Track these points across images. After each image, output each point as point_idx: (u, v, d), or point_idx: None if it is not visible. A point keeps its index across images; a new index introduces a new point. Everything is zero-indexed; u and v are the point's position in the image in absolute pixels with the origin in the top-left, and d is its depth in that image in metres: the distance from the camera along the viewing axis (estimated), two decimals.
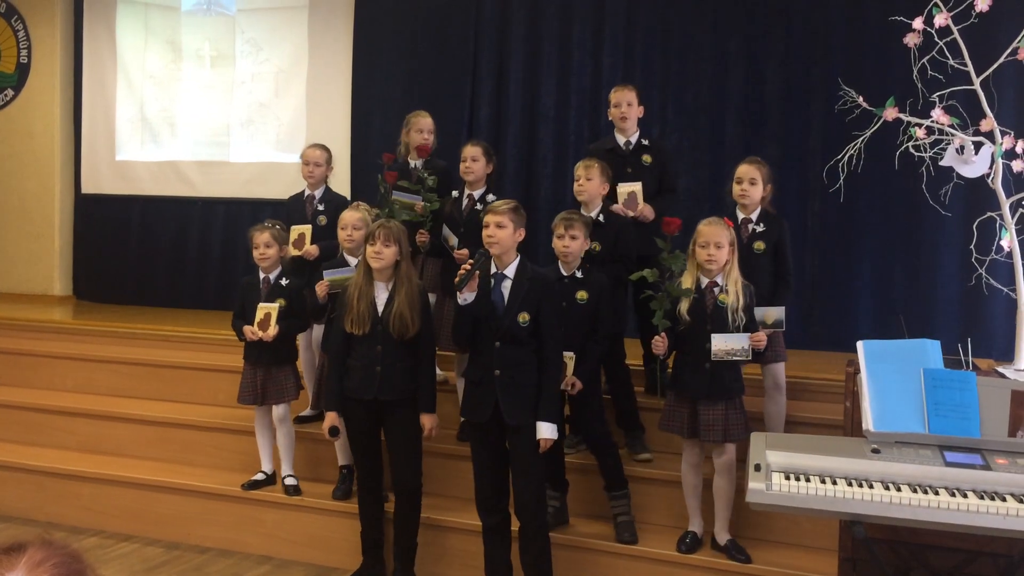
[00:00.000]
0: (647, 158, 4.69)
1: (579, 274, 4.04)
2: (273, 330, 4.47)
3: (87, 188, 7.99)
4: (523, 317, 3.64)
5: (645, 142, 4.72)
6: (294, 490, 4.61)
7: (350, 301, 3.96)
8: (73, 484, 5.05)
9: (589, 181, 4.32)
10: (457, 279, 3.59)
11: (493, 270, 3.71)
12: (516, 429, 3.67)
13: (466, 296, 3.61)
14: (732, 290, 3.77)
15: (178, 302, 7.55)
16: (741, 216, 4.25)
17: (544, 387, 3.68)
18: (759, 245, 4.19)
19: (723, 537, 3.90)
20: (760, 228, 4.22)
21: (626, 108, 4.68)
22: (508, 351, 3.66)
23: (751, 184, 4.21)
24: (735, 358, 3.72)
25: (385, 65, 7.01)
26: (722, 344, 3.72)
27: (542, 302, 3.68)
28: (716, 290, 3.81)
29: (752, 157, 4.35)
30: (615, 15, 6.30)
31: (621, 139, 4.73)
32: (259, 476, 4.73)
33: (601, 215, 4.33)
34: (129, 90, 7.83)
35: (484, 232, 3.68)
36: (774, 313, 4.04)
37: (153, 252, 7.73)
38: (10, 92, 8.08)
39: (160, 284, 7.69)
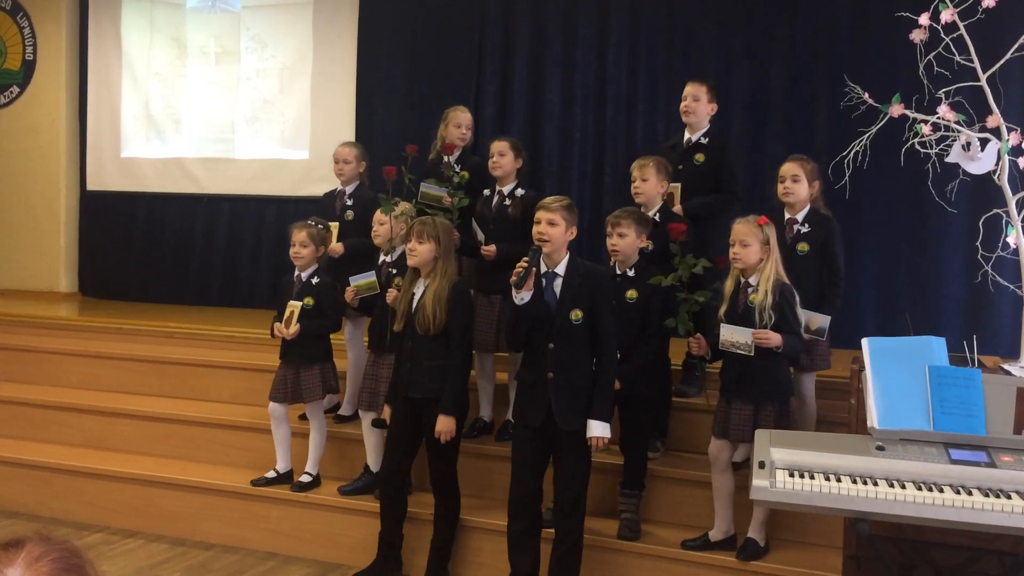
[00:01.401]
0: (700, 157, 4.58)
1: (631, 272, 3.99)
2: (294, 328, 4.45)
3: (92, 185, 8.00)
4: (576, 314, 3.58)
5: (704, 140, 4.61)
6: (301, 487, 4.60)
7: (398, 299, 4.04)
8: (78, 480, 5.06)
9: (645, 182, 4.23)
10: (514, 277, 3.51)
11: (544, 269, 3.64)
12: (568, 433, 3.61)
13: (523, 296, 3.55)
14: (762, 288, 3.67)
15: (183, 299, 7.55)
16: (788, 216, 4.11)
17: (599, 384, 3.62)
18: (802, 246, 4.03)
19: (751, 532, 3.86)
20: (805, 229, 4.06)
21: (691, 102, 4.58)
22: (562, 352, 3.60)
23: (794, 181, 4.05)
24: (739, 351, 3.66)
25: (389, 62, 7.00)
26: (728, 335, 3.68)
27: (595, 297, 3.61)
28: (750, 290, 3.73)
29: (796, 154, 4.19)
30: (620, 12, 6.28)
31: (686, 136, 4.65)
32: (271, 474, 4.70)
33: (658, 215, 4.23)
34: (134, 87, 7.84)
35: (535, 229, 3.62)
36: (817, 320, 3.90)
37: (158, 249, 7.74)
38: (16, 89, 8.10)
39: (165, 281, 7.70)
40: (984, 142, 3.51)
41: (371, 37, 7.07)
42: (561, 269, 3.64)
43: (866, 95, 3.73)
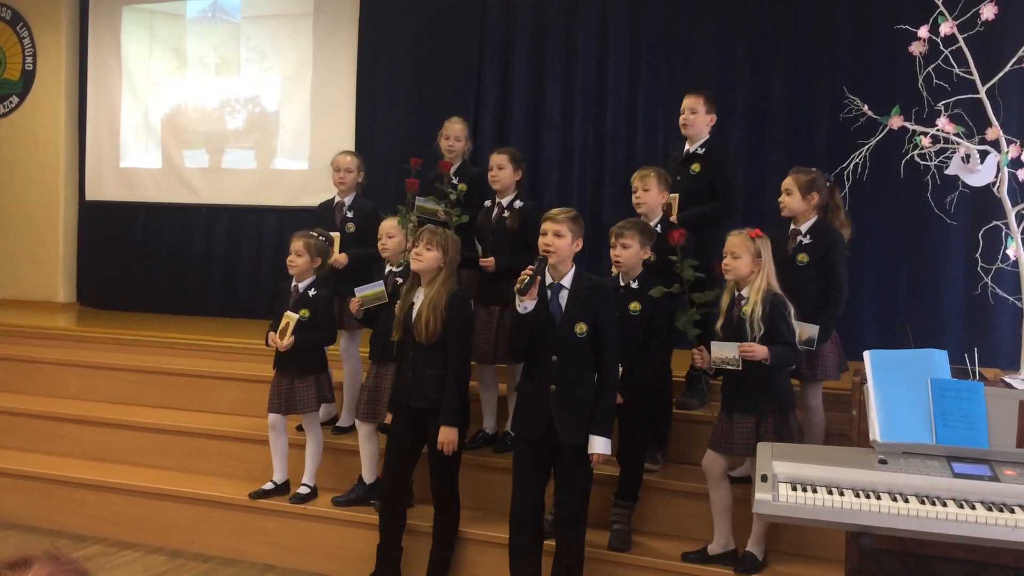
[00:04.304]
0: (695, 167, 4.56)
1: (634, 284, 3.97)
2: (288, 340, 4.44)
3: (91, 195, 8.01)
4: (580, 328, 3.56)
5: (701, 151, 4.59)
6: (300, 498, 4.58)
7: (399, 306, 4.02)
8: (76, 492, 5.04)
9: (647, 192, 4.23)
10: (518, 285, 3.49)
11: (549, 280, 3.62)
12: (570, 446, 3.59)
13: (526, 304, 3.53)
14: (752, 300, 3.68)
15: (181, 309, 7.55)
16: (792, 227, 4.12)
17: (601, 400, 3.59)
18: (802, 257, 4.03)
19: (749, 546, 3.83)
20: (807, 240, 4.06)
21: (688, 115, 4.58)
22: (565, 365, 3.58)
23: (787, 195, 4.07)
24: (728, 367, 3.65)
25: (389, 72, 7.02)
26: (718, 352, 3.66)
27: (600, 311, 3.59)
28: (743, 302, 3.74)
29: (797, 167, 4.17)
30: (620, 21, 6.30)
31: (686, 147, 4.64)
32: (268, 486, 4.68)
33: (659, 225, 4.21)
34: (133, 97, 7.85)
35: (541, 240, 3.59)
36: (807, 330, 3.88)
37: (157, 259, 7.74)
38: (15, 99, 8.10)
39: (163, 291, 7.70)
40: (983, 154, 3.52)
41: (371, 48, 7.08)
42: (567, 281, 3.62)
43: (865, 107, 3.73)
